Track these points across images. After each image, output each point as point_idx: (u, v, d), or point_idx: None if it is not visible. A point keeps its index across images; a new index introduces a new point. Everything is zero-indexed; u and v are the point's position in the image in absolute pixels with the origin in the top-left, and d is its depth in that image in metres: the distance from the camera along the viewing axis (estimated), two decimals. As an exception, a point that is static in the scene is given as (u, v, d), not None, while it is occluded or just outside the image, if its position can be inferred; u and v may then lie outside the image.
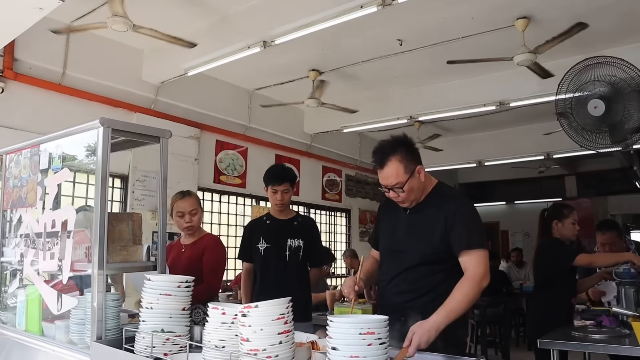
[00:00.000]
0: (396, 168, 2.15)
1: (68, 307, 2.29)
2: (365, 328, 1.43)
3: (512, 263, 8.91)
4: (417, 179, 2.19)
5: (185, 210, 3.15)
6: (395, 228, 2.33)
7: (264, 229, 3.49)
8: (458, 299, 2.00)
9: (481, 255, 2.09)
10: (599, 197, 11.47)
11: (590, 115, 3.11)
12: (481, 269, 2.06)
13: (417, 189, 2.21)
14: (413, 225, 2.25)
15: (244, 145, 7.31)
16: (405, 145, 2.21)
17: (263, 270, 3.43)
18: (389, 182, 2.17)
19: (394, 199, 2.24)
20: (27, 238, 2.61)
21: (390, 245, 2.34)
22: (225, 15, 5.04)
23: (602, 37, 5.34)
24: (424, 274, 2.18)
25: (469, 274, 2.05)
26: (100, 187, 2.18)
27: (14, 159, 2.83)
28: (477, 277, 2.04)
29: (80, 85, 5.40)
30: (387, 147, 2.20)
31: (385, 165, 2.17)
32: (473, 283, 2.03)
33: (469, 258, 2.08)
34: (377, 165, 2.21)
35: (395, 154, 2.16)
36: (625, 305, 3.01)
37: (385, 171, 2.17)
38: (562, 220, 3.62)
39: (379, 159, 2.20)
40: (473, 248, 2.09)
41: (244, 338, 1.61)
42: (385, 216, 2.45)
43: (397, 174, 2.15)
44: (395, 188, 2.17)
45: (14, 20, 3.36)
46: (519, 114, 7.34)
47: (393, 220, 2.35)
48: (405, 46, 5.61)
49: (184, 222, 3.16)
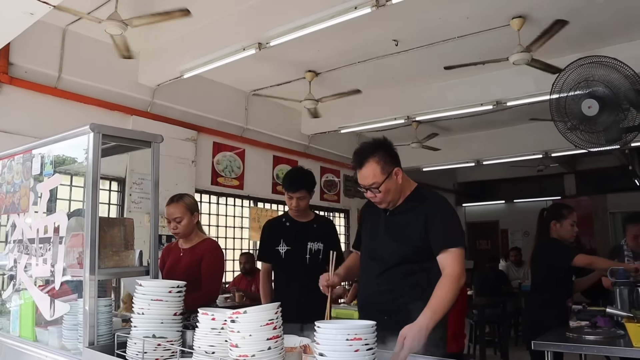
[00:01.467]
0: (373, 169, 2.21)
1: (61, 313, 2.29)
2: (352, 334, 1.43)
3: (511, 262, 8.91)
4: (394, 180, 2.24)
5: (171, 216, 3.14)
6: (375, 230, 2.38)
7: (283, 231, 3.43)
8: (441, 297, 2.03)
9: (458, 254, 2.13)
10: (598, 195, 11.47)
11: (584, 115, 3.10)
12: (458, 267, 2.10)
13: (394, 190, 2.26)
14: (392, 227, 2.30)
15: (241, 146, 7.31)
16: (384, 148, 2.27)
17: (284, 273, 3.39)
18: (367, 182, 2.22)
19: (372, 200, 2.29)
20: (20, 244, 2.61)
21: (371, 247, 2.39)
22: (221, 17, 5.03)
23: (599, 35, 5.34)
24: (403, 273, 2.22)
25: (448, 272, 2.09)
26: (91, 192, 2.17)
27: (7, 164, 2.83)
28: (456, 275, 2.08)
29: (76, 88, 5.40)
30: (366, 149, 2.26)
31: (363, 166, 2.23)
32: (453, 281, 2.06)
33: (446, 256, 2.12)
34: (356, 165, 2.27)
35: (373, 156, 2.22)
36: (620, 306, 3.01)
37: (363, 171, 2.23)
38: (560, 220, 3.61)
39: (358, 160, 2.25)
40: (451, 247, 2.13)
41: (233, 344, 1.61)
42: (367, 219, 2.50)
43: (374, 175, 2.20)
44: (372, 188, 2.22)
45: (5, 26, 3.36)
46: (517, 112, 7.33)
47: (374, 223, 2.40)
48: (401, 46, 5.61)
49: (171, 228, 3.16)
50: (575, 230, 3.56)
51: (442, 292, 2.03)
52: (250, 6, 4.81)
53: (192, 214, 3.19)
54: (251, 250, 7.39)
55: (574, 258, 3.41)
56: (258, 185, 7.57)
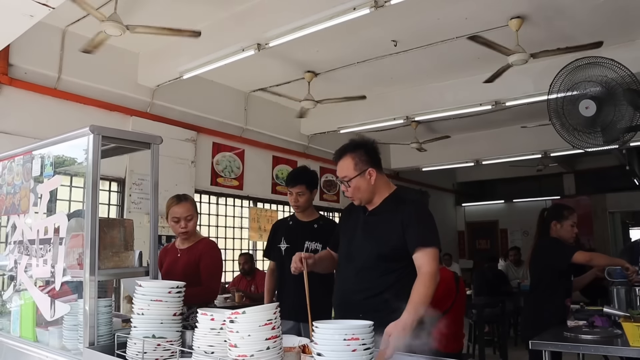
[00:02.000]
0: (347, 164, 2.35)
1: (61, 314, 2.30)
2: (350, 334, 1.44)
3: (510, 262, 8.92)
4: (366, 179, 2.35)
5: (181, 215, 3.15)
6: (353, 230, 2.46)
7: (286, 229, 3.57)
8: (421, 293, 2.08)
9: (433, 253, 2.20)
10: (597, 194, 11.50)
11: (581, 115, 3.12)
12: (434, 265, 2.17)
13: (364, 189, 2.36)
14: (370, 227, 2.38)
15: (240, 147, 7.33)
16: (365, 148, 2.40)
17: (284, 270, 3.42)
18: (340, 174, 2.39)
19: (345, 193, 2.43)
20: (21, 245, 2.62)
21: (349, 247, 2.45)
22: (220, 18, 5.04)
23: (595, 36, 5.34)
24: (379, 273, 2.28)
25: (424, 270, 2.15)
26: (90, 193, 2.18)
27: (7, 165, 2.84)
28: (432, 273, 2.14)
29: (75, 89, 5.41)
30: (347, 145, 2.41)
31: (340, 159, 2.39)
32: (430, 278, 2.13)
33: (421, 255, 2.19)
34: (335, 158, 2.43)
35: (351, 152, 2.37)
36: (617, 306, 3.03)
37: (339, 164, 2.40)
38: (561, 221, 3.63)
39: (337, 153, 2.42)
40: (426, 246, 2.20)
41: (232, 344, 1.62)
42: (347, 221, 2.58)
43: (347, 169, 2.35)
44: (344, 181, 2.37)
45: (4, 28, 3.37)
46: (516, 112, 7.34)
47: (353, 225, 2.48)
48: (400, 47, 5.62)
49: (179, 227, 3.16)
50: (575, 231, 3.58)
51: (422, 288, 2.09)
52: (250, 7, 4.83)
53: (197, 213, 3.26)
54: (250, 250, 7.41)
55: (572, 255, 3.43)
56: (258, 185, 7.58)
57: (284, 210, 8.17)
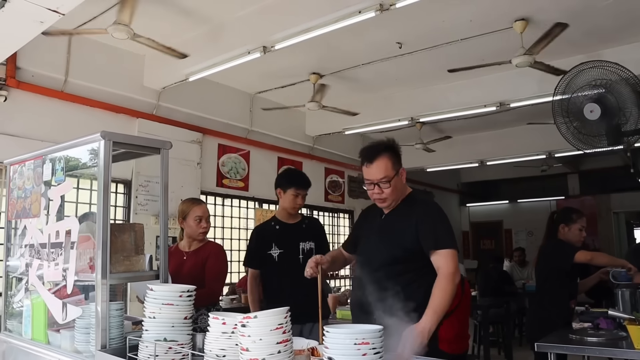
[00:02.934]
0: (385, 163, 2.30)
1: (73, 317, 2.34)
2: (360, 338, 1.47)
3: (514, 263, 8.92)
4: (400, 179, 2.35)
5: (204, 215, 3.24)
6: (371, 234, 2.46)
7: (274, 234, 3.46)
8: (440, 297, 2.10)
9: (451, 254, 2.20)
10: (601, 194, 11.49)
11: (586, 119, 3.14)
12: (452, 266, 2.17)
13: (399, 189, 2.35)
14: (386, 229, 2.38)
15: (246, 148, 7.36)
16: (393, 148, 2.38)
17: (279, 276, 3.40)
18: (377, 176, 2.30)
19: (377, 197, 2.35)
20: (32, 248, 2.66)
21: (365, 250, 2.46)
22: (226, 21, 5.07)
23: (601, 37, 5.36)
24: (394, 274, 2.27)
25: (443, 272, 2.16)
26: (102, 199, 2.21)
27: (17, 170, 2.88)
28: (451, 274, 2.15)
29: (82, 92, 5.45)
30: (377, 146, 2.36)
31: (374, 160, 2.31)
32: (449, 280, 2.13)
33: (439, 257, 2.19)
34: (366, 160, 2.33)
35: (384, 152, 2.33)
36: (622, 308, 3.04)
37: (375, 165, 2.30)
38: (569, 224, 3.66)
39: (369, 155, 2.34)
40: (443, 247, 2.20)
41: (244, 347, 1.65)
42: (364, 224, 2.58)
43: (386, 169, 2.29)
44: (382, 182, 2.29)
45: (15, 34, 3.41)
46: (521, 113, 7.34)
47: (370, 227, 2.48)
48: (405, 49, 5.64)
49: (201, 227, 3.21)
50: (583, 235, 3.61)
51: (439, 291, 2.10)
52: (255, 10, 4.85)
53: None
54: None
55: (575, 255, 3.47)
56: (263, 186, 7.60)
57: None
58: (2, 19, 2.99)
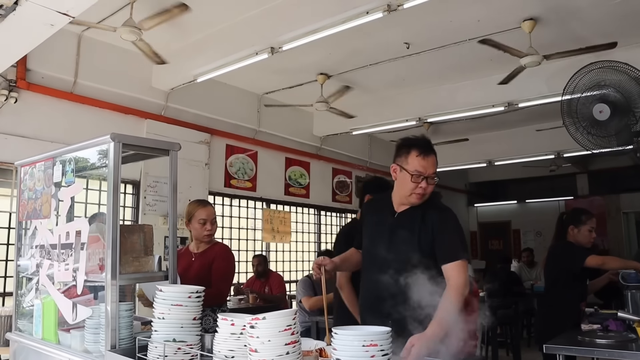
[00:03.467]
0: (435, 160, 2.31)
1: (83, 317, 2.36)
2: (369, 340, 1.47)
3: (523, 263, 8.89)
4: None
5: (208, 218, 3.24)
6: (381, 233, 2.40)
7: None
8: (447, 308, 2.08)
9: (462, 266, 2.19)
10: (611, 194, 11.40)
11: (595, 119, 3.12)
12: (462, 278, 2.16)
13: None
14: (398, 231, 2.33)
15: (253, 149, 7.38)
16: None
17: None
18: (431, 170, 2.28)
19: (421, 192, 2.29)
20: (43, 249, 2.69)
21: (375, 249, 2.40)
22: (234, 22, 5.09)
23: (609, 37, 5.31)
24: (406, 278, 2.23)
25: (452, 283, 2.15)
26: (112, 200, 2.24)
27: (28, 171, 2.91)
28: (460, 286, 2.14)
29: (91, 93, 5.49)
30: (429, 141, 2.35)
31: (431, 154, 2.30)
32: (457, 292, 2.13)
33: (451, 268, 2.18)
34: (423, 152, 2.29)
35: (433, 149, 2.33)
36: (632, 310, 3.02)
37: (431, 159, 2.29)
38: (578, 226, 3.64)
39: (426, 147, 2.30)
40: (455, 259, 2.19)
41: (253, 349, 1.66)
42: (370, 218, 2.52)
43: (435, 165, 2.30)
44: (431, 177, 2.28)
45: (26, 37, 3.44)
46: (529, 113, 7.32)
47: (380, 225, 2.42)
48: (413, 49, 5.63)
49: (205, 229, 3.22)
50: (593, 236, 3.59)
51: (448, 303, 2.09)
52: (263, 11, 4.86)
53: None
54: (264, 252, 7.45)
55: (586, 259, 3.44)
56: (271, 187, 7.62)
57: (297, 212, 8.21)
58: (13, 22, 3.02)
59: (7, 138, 4.85)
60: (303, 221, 8.42)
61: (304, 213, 8.44)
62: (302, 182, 8.21)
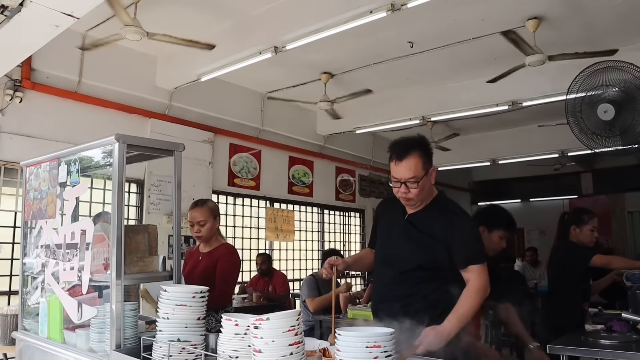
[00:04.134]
0: (415, 162, 2.17)
1: (88, 317, 2.37)
2: (372, 342, 1.48)
3: (526, 262, 8.87)
4: (429, 179, 2.23)
5: (194, 220, 3.23)
6: (392, 232, 2.37)
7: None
8: (466, 307, 2.08)
9: (482, 269, 2.16)
10: (615, 193, 11.35)
11: (600, 119, 3.11)
12: (483, 280, 2.14)
13: (427, 189, 2.24)
14: (411, 232, 2.28)
15: (257, 147, 7.39)
16: (425, 146, 2.25)
17: None
18: (406, 175, 2.17)
19: (403, 196, 2.23)
20: (48, 249, 2.70)
21: (386, 249, 2.38)
22: (237, 21, 5.09)
23: (613, 35, 5.30)
24: (419, 279, 2.22)
25: (473, 283, 2.13)
26: (116, 201, 2.25)
27: (33, 171, 2.92)
28: (481, 287, 2.12)
29: (96, 92, 5.51)
30: (408, 142, 2.22)
31: (404, 158, 2.17)
32: (479, 292, 2.11)
33: (471, 272, 2.15)
34: (396, 157, 2.20)
35: (415, 150, 2.19)
36: (636, 310, 3.02)
37: (404, 164, 2.17)
38: (580, 226, 3.63)
39: (400, 152, 2.20)
40: (474, 263, 2.16)
41: (257, 349, 1.67)
42: (383, 218, 2.48)
43: (416, 168, 2.16)
44: (410, 182, 2.17)
45: (31, 38, 3.46)
46: (534, 112, 7.30)
47: (392, 226, 2.39)
48: (416, 48, 5.63)
49: (194, 231, 3.23)
50: (595, 235, 3.58)
51: (466, 301, 2.08)
52: (267, 10, 4.86)
53: (215, 218, 3.28)
54: (267, 250, 7.47)
55: (591, 259, 3.44)
56: (274, 185, 7.63)
57: (300, 210, 8.22)
58: (19, 23, 3.04)
59: (13, 137, 4.88)
60: (306, 220, 8.43)
61: (308, 212, 8.45)
62: (306, 180, 8.22)
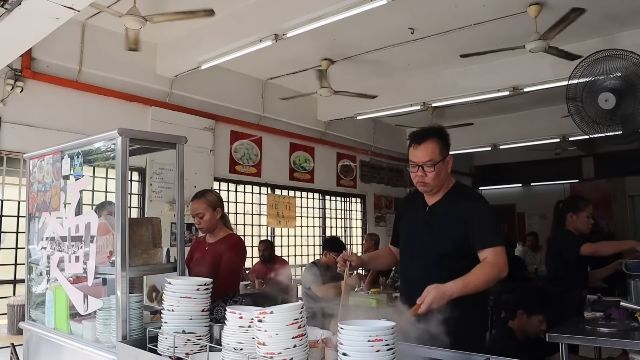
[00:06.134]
0: (432, 147, 2.27)
1: (94, 308, 2.41)
2: (374, 335, 1.50)
3: (527, 247, 8.90)
4: (445, 167, 2.32)
5: (194, 212, 3.27)
6: (415, 226, 2.42)
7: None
8: (476, 274, 2.10)
9: (500, 250, 2.18)
10: (616, 178, 11.36)
11: (600, 108, 3.11)
12: (501, 260, 2.15)
13: (443, 176, 2.32)
14: (432, 223, 2.34)
15: (258, 134, 7.39)
16: (444, 135, 2.36)
17: None
18: (423, 158, 2.27)
19: (420, 180, 2.31)
20: (53, 241, 2.73)
21: (411, 243, 2.42)
22: (237, 9, 5.07)
23: (616, 20, 5.27)
24: (445, 270, 2.22)
25: (490, 259, 2.15)
26: (120, 192, 2.27)
27: (37, 164, 2.94)
28: (498, 265, 2.14)
29: (96, 81, 5.50)
30: (427, 130, 2.35)
31: (422, 142, 2.29)
32: (493, 267, 2.13)
33: (488, 253, 2.17)
34: (415, 141, 2.31)
35: (433, 136, 2.30)
36: (635, 299, 3.05)
37: (422, 147, 2.28)
38: (577, 213, 3.65)
39: (418, 136, 2.31)
40: (493, 246, 2.18)
41: (260, 342, 1.70)
42: (406, 212, 2.55)
43: (433, 152, 2.27)
44: (427, 166, 2.26)
45: (31, 30, 3.46)
46: (535, 96, 7.29)
47: (414, 219, 2.44)
48: (417, 34, 5.61)
49: (196, 222, 3.27)
50: (591, 222, 3.60)
51: (479, 271, 2.11)
52: (266, -2, 4.85)
53: (215, 210, 3.28)
54: (269, 237, 7.51)
55: (580, 248, 3.48)
56: (275, 172, 7.65)
57: (301, 196, 8.25)
58: (19, 16, 3.03)
59: (14, 127, 4.89)
60: (308, 206, 8.46)
61: (309, 198, 8.48)
62: (307, 167, 8.24)
